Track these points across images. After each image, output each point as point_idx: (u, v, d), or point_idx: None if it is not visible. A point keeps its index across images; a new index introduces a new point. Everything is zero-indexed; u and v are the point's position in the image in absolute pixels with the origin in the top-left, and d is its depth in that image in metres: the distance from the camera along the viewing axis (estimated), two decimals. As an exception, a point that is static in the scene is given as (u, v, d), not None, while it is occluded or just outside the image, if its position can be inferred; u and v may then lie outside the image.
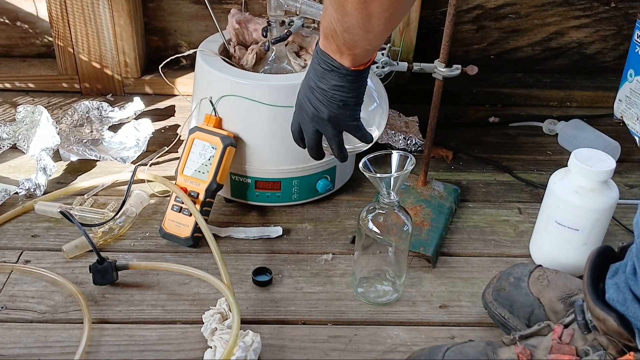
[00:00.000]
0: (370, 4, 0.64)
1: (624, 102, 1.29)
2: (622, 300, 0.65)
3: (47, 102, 1.31)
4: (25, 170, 1.10)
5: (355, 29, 0.68)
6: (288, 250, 0.94)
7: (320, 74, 0.76)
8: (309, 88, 0.78)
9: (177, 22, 1.36)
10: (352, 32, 0.69)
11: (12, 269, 0.88)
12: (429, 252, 0.91)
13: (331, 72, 0.75)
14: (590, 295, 0.67)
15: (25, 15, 1.35)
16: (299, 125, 0.83)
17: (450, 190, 1.04)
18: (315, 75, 0.76)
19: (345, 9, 0.66)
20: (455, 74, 0.93)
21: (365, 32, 0.68)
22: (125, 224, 0.95)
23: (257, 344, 0.75)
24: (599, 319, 0.65)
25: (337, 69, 0.74)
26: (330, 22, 0.70)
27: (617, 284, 0.66)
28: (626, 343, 0.65)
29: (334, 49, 0.73)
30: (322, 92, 0.76)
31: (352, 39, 0.70)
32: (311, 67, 0.78)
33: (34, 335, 0.79)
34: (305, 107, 0.79)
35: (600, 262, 0.69)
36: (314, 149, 0.84)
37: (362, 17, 0.66)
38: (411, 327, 0.82)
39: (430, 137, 1.00)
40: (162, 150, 1.15)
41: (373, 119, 0.89)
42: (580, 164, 0.84)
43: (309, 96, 0.78)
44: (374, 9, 0.64)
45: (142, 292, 0.86)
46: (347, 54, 0.73)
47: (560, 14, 1.38)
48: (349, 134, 0.82)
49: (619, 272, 0.67)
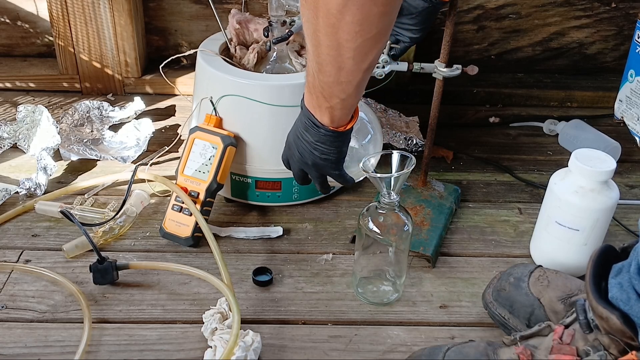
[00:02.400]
0: (339, 30, 0.65)
1: (624, 102, 1.29)
2: (625, 300, 0.65)
3: (47, 101, 1.31)
4: (25, 170, 1.10)
5: (327, 66, 0.70)
6: (288, 250, 0.94)
7: (304, 127, 0.80)
8: (297, 134, 0.83)
9: (177, 22, 1.36)
10: (325, 70, 0.71)
11: (13, 268, 0.88)
12: (428, 252, 0.91)
13: (312, 129, 0.79)
14: (593, 293, 0.67)
15: (25, 15, 1.36)
16: (287, 159, 0.89)
17: (450, 190, 1.04)
18: (301, 126, 0.81)
19: (318, 37, 0.67)
20: (456, 74, 0.93)
21: (337, 69, 0.70)
22: (125, 223, 0.95)
23: (257, 344, 0.75)
24: (602, 317, 0.65)
25: (317, 127, 0.79)
26: (309, 67, 0.74)
27: (620, 283, 0.66)
28: (628, 342, 0.65)
29: (314, 104, 0.77)
30: (306, 143, 0.81)
31: (326, 82, 0.72)
32: (299, 117, 0.82)
33: (34, 334, 0.79)
34: (292, 149, 0.85)
35: (602, 262, 0.69)
36: (300, 181, 0.90)
37: (332, 46, 0.67)
38: (411, 327, 0.82)
39: (430, 137, 1.00)
40: (163, 150, 1.15)
41: (367, 149, 0.94)
42: (581, 164, 0.84)
43: (296, 142, 0.83)
44: (342, 35, 0.65)
45: (142, 292, 0.86)
46: (325, 107, 0.76)
47: (560, 14, 1.38)
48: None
49: (623, 272, 0.67)
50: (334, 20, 0.64)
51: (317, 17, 0.65)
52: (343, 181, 0.87)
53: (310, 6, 0.65)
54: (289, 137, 0.86)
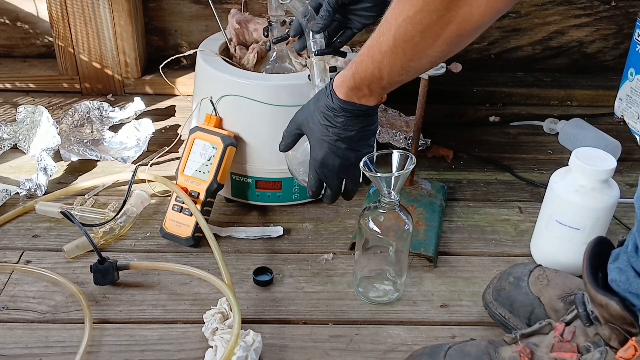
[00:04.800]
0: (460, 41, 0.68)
1: (624, 101, 1.29)
2: (625, 280, 0.65)
3: (47, 102, 1.31)
4: (26, 171, 1.10)
5: (423, 66, 0.72)
6: (289, 249, 0.94)
7: (343, 124, 0.79)
8: (330, 143, 0.81)
9: (177, 22, 1.36)
10: (410, 71, 0.73)
11: (13, 269, 0.88)
12: (429, 252, 0.91)
13: (358, 118, 0.79)
14: (591, 282, 0.67)
15: (25, 16, 1.36)
16: (320, 182, 0.85)
17: (437, 187, 1.05)
18: (336, 128, 0.79)
19: (427, 52, 0.69)
20: (440, 72, 0.93)
21: (430, 64, 0.72)
22: (126, 224, 0.95)
23: (258, 344, 0.75)
24: (601, 305, 0.65)
25: (365, 112, 0.79)
26: (377, 70, 0.73)
27: (619, 267, 0.66)
28: (629, 329, 0.65)
29: (363, 95, 0.77)
30: (348, 140, 0.80)
31: (403, 79, 0.74)
32: (326, 123, 0.80)
33: (35, 335, 0.79)
34: (329, 162, 0.82)
35: (598, 252, 0.70)
36: (337, 197, 0.87)
37: (445, 53, 0.70)
38: (412, 326, 0.82)
39: (416, 135, 1.00)
40: (163, 150, 1.15)
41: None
42: (581, 163, 0.84)
43: (333, 150, 0.81)
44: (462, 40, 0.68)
45: (143, 292, 0.86)
46: (379, 94, 0.77)
47: (560, 13, 1.38)
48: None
49: (621, 255, 0.67)
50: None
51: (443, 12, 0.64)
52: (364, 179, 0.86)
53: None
54: (317, 159, 0.82)
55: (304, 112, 0.84)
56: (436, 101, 1.29)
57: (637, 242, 0.64)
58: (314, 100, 0.83)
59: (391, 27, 0.68)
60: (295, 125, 0.85)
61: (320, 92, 0.82)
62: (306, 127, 0.83)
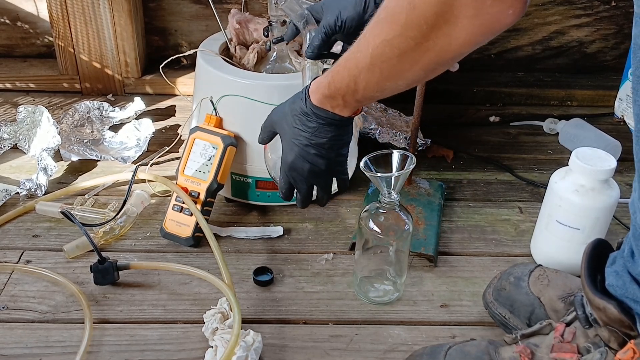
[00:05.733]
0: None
1: (624, 101, 1.29)
2: (621, 285, 0.65)
3: (47, 102, 1.31)
4: (26, 171, 1.10)
5: (399, 87, 0.71)
6: (289, 249, 0.94)
7: (314, 130, 0.78)
8: (300, 147, 0.79)
9: (177, 22, 1.36)
10: (385, 90, 0.72)
11: (13, 269, 0.88)
12: (429, 251, 0.91)
13: (330, 126, 0.77)
14: (589, 286, 0.67)
15: (25, 16, 1.36)
16: (290, 185, 0.85)
17: (435, 186, 1.05)
18: (307, 132, 0.78)
19: (404, 75, 0.68)
20: None
21: (406, 86, 0.71)
22: (126, 223, 0.96)
23: (258, 344, 0.75)
24: (599, 308, 0.65)
25: (338, 122, 0.77)
26: (353, 84, 0.72)
27: (615, 271, 0.66)
28: (627, 332, 0.65)
29: (337, 104, 0.76)
30: (318, 146, 0.79)
31: (378, 95, 0.74)
32: (298, 126, 0.79)
33: (35, 335, 0.79)
34: (298, 166, 0.81)
35: (596, 255, 0.69)
36: (307, 201, 0.86)
37: (421, 78, 0.71)
38: (412, 326, 0.82)
39: (415, 135, 1.00)
40: (163, 150, 1.15)
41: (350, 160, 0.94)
42: (581, 163, 0.84)
43: (303, 154, 0.80)
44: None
45: (143, 292, 0.86)
46: (353, 106, 0.76)
47: (560, 12, 1.38)
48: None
49: (617, 259, 0.67)
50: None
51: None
52: (344, 179, 0.86)
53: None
54: (288, 161, 0.82)
55: (279, 111, 0.82)
56: (436, 101, 1.29)
57: (632, 246, 0.64)
58: (290, 101, 0.81)
59: (369, 45, 0.68)
60: (270, 122, 0.84)
61: (298, 94, 0.81)
62: (279, 126, 0.82)
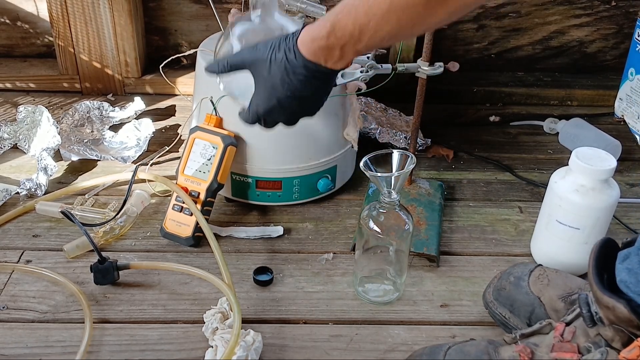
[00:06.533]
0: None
1: (624, 100, 1.29)
2: (635, 282, 0.64)
3: (47, 102, 1.31)
4: (26, 170, 1.10)
5: (409, 36, 0.66)
6: (289, 249, 0.94)
7: (301, 82, 0.71)
8: (280, 97, 0.73)
9: (177, 22, 1.36)
10: (392, 39, 0.66)
11: (14, 269, 0.88)
12: (432, 251, 0.91)
13: (318, 79, 0.71)
14: (597, 284, 0.66)
15: (25, 15, 1.36)
16: (258, 119, 0.78)
17: (435, 186, 1.05)
18: (291, 85, 0.72)
19: (425, 21, 0.63)
20: (438, 72, 0.93)
21: (416, 34, 0.67)
22: (126, 223, 0.96)
23: (258, 344, 0.75)
24: (608, 307, 0.65)
25: (327, 74, 0.71)
26: (357, 32, 0.65)
27: (628, 268, 0.66)
28: (634, 332, 0.64)
29: (333, 56, 0.69)
30: (302, 99, 0.73)
31: (382, 45, 0.69)
32: (281, 77, 0.71)
33: (35, 335, 0.79)
34: (274, 113, 0.76)
35: (603, 254, 0.69)
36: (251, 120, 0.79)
37: (441, 23, 0.65)
38: (412, 326, 0.82)
39: (415, 135, 1.00)
40: (163, 150, 1.15)
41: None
42: (581, 163, 0.84)
43: (283, 105, 0.74)
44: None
45: (143, 292, 0.86)
46: (349, 58, 0.70)
47: (560, 12, 1.38)
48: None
49: (631, 256, 0.66)
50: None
51: None
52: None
53: None
54: (266, 105, 0.75)
55: (256, 52, 0.74)
56: (436, 101, 1.29)
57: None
58: (271, 46, 0.72)
59: None
60: (240, 62, 0.76)
61: (280, 40, 0.71)
62: (255, 70, 0.74)
